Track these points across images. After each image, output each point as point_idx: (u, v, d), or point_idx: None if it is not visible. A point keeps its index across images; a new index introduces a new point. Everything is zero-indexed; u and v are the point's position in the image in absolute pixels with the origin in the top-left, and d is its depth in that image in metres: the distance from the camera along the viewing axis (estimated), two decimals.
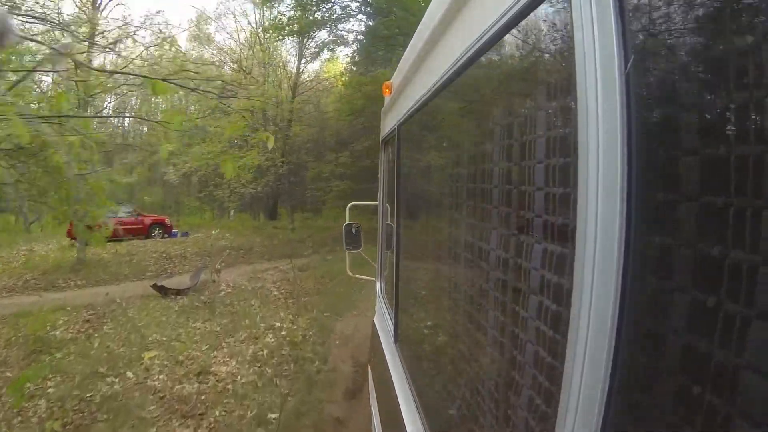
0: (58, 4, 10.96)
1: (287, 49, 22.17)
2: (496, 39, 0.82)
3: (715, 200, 0.43)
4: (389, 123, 2.28)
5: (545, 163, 0.73)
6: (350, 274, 3.01)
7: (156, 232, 16.90)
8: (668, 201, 0.49)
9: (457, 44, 1.01)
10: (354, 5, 16.95)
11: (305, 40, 20.19)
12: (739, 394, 0.40)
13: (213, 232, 18.46)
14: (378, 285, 2.85)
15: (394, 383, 1.73)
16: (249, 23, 20.92)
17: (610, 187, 0.49)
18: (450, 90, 1.23)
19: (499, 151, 0.96)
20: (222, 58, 20.28)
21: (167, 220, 17.54)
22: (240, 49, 20.74)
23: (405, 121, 1.84)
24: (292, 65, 21.94)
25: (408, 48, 1.68)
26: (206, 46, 19.72)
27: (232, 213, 21.90)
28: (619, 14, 0.49)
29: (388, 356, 2.03)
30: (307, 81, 22.00)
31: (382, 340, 2.31)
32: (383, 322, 2.45)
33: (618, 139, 0.49)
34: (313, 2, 16.66)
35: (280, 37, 17.87)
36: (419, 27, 1.43)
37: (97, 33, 13.21)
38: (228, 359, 5.73)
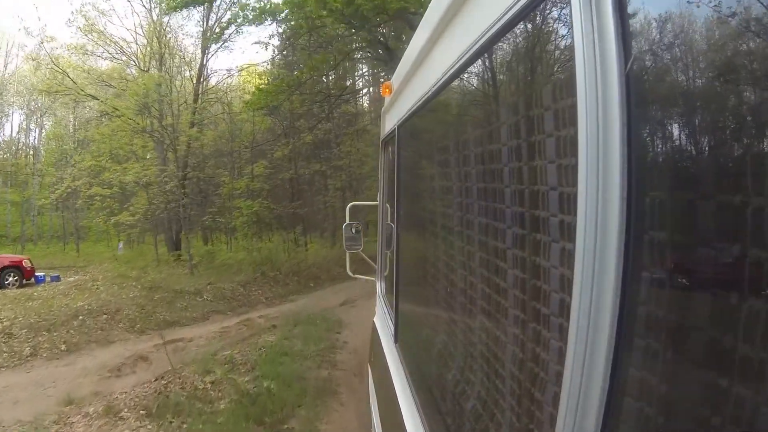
0: None
1: (192, 41, 16.67)
2: (496, 39, 0.82)
3: (714, 199, 0.44)
4: (389, 123, 2.28)
5: (545, 162, 0.73)
6: (350, 274, 3.02)
7: (10, 279, 12.23)
8: (667, 200, 0.49)
9: (457, 44, 1.01)
10: None
11: (210, 21, 15.30)
12: (738, 390, 0.40)
13: (92, 271, 13.77)
14: (378, 285, 2.85)
15: (394, 383, 1.73)
16: (143, 5, 15.53)
17: (610, 186, 0.50)
18: (450, 90, 1.23)
19: (498, 151, 0.96)
20: (109, 49, 15.42)
21: (26, 262, 13.01)
22: (136, 38, 15.83)
23: (405, 121, 1.84)
24: (196, 57, 16.68)
25: (408, 48, 1.68)
26: (89, 37, 14.73)
27: (120, 246, 16.23)
28: (618, 14, 0.49)
29: (388, 356, 2.03)
30: (215, 74, 17.37)
31: (382, 340, 2.31)
32: (383, 322, 2.45)
33: (618, 139, 0.49)
34: None
35: (173, 10, 13.28)
36: (419, 27, 1.43)
37: None
38: None
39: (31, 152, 23.89)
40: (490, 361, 1.00)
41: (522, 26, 0.77)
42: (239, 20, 13.45)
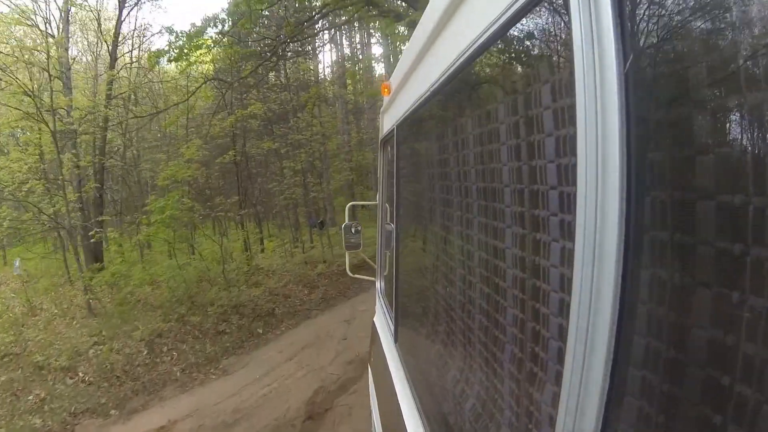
0: None
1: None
2: (495, 39, 0.82)
3: (714, 198, 0.43)
4: (388, 123, 2.29)
5: (545, 162, 0.73)
6: (350, 274, 3.02)
7: None
8: (667, 199, 0.49)
9: (456, 44, 1.01)
10: None
11: None
12: (738, 390, 0.40)
13: None
14: (378, 285, 2.86)
15: (394, 383, 1.73)
16: None
17: (610, 186, 0.49)
18: (449, 90, 1.23)
19: (497, 151, 0.96)
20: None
21: None
22: None
23: (404, 121, 1.84)
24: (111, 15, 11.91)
25: (406, 47, 1.68)
26: None
27: (17, 264, 11.22)
28: (617, 14, 0.49)
29: (388, 356, 2.03)
30: (143, 34, 12.56)
31: (382, 340, 2.31)
32: (383, 322, 2.45)
33: (617, 139, 0.49)
34: None
35: None
36: (417, 26, 1.43)
37: None
38: None
39: None
40: (490, 361, 1.00)
41: (520, 26, 0.77)
42: None
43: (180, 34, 9.36)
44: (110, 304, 8.49)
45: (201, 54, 10.12)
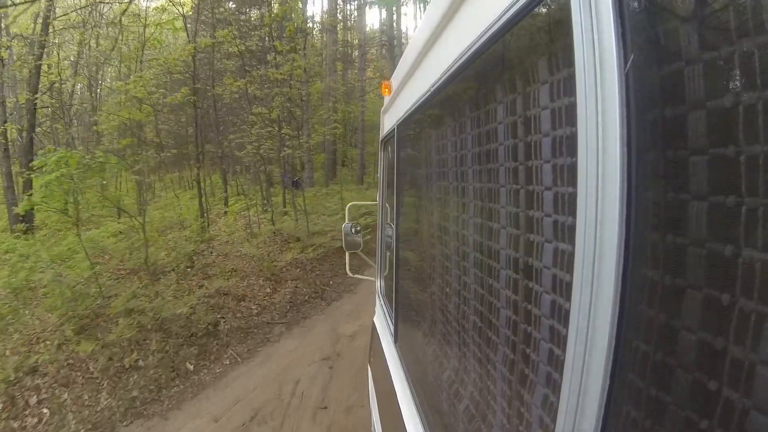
0: None
1: None
2: (495, 38, 0.82)
3: (714, 199, 0.43)
4: (388, 123, 2.29)
5: (545, 162, 0.73)
6: (350, 274, 3.02)
7: None
8: (667, 200, 0.49)
9: (457, 43, 1.01)
10: None
11: None
12: (738, 392, 0.40)
13: None
14: (378, 285, 2.86)
15: (394, 383, 1.73)
16: None
17: (610, 186, 0.49)
18: (450, 89, 1.23)
19: (498, 151, 0.96)
20: None
21: None
22: None
23: (404, 121, 1.84)
24: None
25: (407, 47, 1.68)
26: None
27: None
28: (618, 14, 0.49)
29: (388, 356, 2.03)
30: None
31: (382, 340, 2.31)
32: (383, 322, 2.45)
33: (617, 139, 0.48)
34: None
35: None
36: (418, 26, 1.43)
37: None
38: None
39: None
40: (490, 361, 1.00)
41: (521, 26, 0.77)
42: None
43: None
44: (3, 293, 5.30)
45: None
